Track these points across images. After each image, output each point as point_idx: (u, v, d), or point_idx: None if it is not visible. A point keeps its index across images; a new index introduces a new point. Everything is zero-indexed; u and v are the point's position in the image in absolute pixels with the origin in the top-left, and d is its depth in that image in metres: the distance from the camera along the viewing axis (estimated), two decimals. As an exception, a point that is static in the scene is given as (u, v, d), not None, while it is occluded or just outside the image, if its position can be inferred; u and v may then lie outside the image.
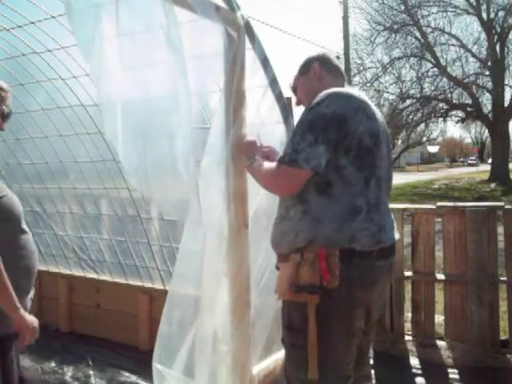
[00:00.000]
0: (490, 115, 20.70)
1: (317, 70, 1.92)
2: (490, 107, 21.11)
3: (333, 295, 1.60)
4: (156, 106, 2.03)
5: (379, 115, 1.81)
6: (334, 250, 1.60)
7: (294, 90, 2.03)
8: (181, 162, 2.02)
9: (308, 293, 1.60)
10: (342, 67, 2.04)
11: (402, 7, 19.63)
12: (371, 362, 3.20)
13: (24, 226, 1.85)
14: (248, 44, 2.44)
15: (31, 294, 1.87)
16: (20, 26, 3.00)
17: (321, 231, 1.63)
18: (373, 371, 1.91)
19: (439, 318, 3.59)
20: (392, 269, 1.84)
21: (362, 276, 1.64)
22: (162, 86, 1.98)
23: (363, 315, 1.71)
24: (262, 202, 2.46)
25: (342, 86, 1.93)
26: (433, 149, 70.01)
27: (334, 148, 1.61)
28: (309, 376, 1.62)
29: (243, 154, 2.11)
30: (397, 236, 1.82)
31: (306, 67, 1.97)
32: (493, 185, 19.28)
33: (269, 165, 1.81)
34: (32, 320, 1.73)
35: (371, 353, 3.35)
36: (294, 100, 2.18)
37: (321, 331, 1.61)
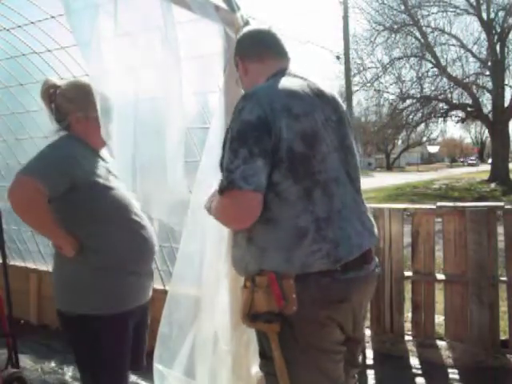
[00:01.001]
0: (490, 115, 20.70)
1: (240, 67, 1.68)
2: (489, 107, 21.11)
3: (293, 321, 1.42)
4: (150, 107, 2.03)
5: (322, 98, 1.54)
6: (288, 272, 1.41)
7: None
8: (175, 162, 2.01)
9: (264, 322, 1.43)
10: (278, 41, 1.67)
11: (402, 7, 19.63)
12: (371, 362, 3.22)
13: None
14: (248, 44, 2.44)
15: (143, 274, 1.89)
16: (20, 26, 3.00)
17: (268, 262, 1.43)
18: (373, 371, 1.91)
19: (439, 318, 3.59)
20: (373, 277, 1.60)
21: (324, 294, 1.43)
22: (157, 86, 1.97)
23: (337, 332, 1.51)
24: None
25: (278, 68, 1.60)
26: (433, 149, 70.02)
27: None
28: None
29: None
30: (372, 240, 1.57)
31: (235, 63, 1.72)
32: (493, 185, 19.27)
33: (214, 196, 1.54)
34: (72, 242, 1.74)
35: (370, 355, 3.35)
36: None
37: (290, 357, 1.45)
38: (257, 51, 1.64)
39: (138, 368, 2.05)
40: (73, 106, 1.85)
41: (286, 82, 1.50)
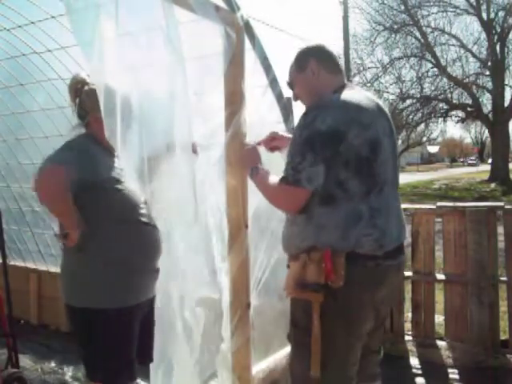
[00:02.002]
0: (490, 115, 20.72)
1: (314, 69, 1.82)
2: (490, 107, 21.14)
3: (337, 295, 1.61)
4: (155, 107, 2.03)
5: (379, 109, 1.75)
6: (341, 250, 1.62)
7: (291, 85, 1.95)
8: (182, 161, 2.02)
9: (312, 291, 1.62)
10: (341, 62, 1.95)
11: (402, 7, 19.65)
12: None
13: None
14: (248, 44, 2.44)
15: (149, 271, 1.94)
16: (20, 26, 3.00)
17: (325, 238, 1.63)
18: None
19: (439, 318, 3.59)
20: (401, 267, 1.87)
21: (368, 276, 1.65)
22: (161, 86, 1.98)
23: (372, 316, 1.72)
24: (261, 201, 2.46)
25: (342, 83, 1.83)
26: (433, 149, 70.00)
27: (334, 163, 1.61)
28: (311, 373, 1.64)
29: (245, 164, 2.04)
30: (404, 235, 1.86)
31: (303, 64, 1.86)
32: (493, 185, 19.28)
33: (272, 179, 1.80)
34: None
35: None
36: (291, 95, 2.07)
37: (324, 330, 1.62)
38: (332, 63, 1.86)
39: (147, 362, 2.08)
40: (95, 105, 1.86)
41: (354, 95, 1.71)
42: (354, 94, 1.74)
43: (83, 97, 1.91)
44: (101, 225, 1.82)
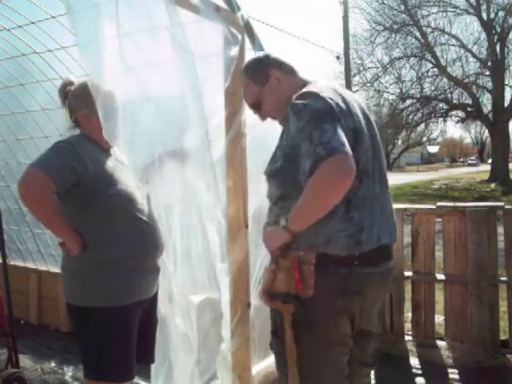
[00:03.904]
0: (490, 115, 20.71)
1: (278, 75, 1.74)
2: (490, 107, 21.13)
3: (308, 305, 1.51)
4: (166, 106, 2.03)
5: (356, 101, 1.66)
6: (310, 257, 1.51)
7: (257, 105, 1.80)
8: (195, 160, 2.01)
9: (282, 302, 1.55)
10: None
11: (402, 7, 19.63)
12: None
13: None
14: (248, 44, 2.44)
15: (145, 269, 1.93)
16: (20, 26, 3.01)
17: (300, 234, 1.51)
18: (373, 371, 1.91)
19: (439, 318, 3.59)
20: (387, 276, 1.67)
21: (341, 285, 1.51)
22: (171, 85, 1.97)
23: (347, 325, 1.59)
24: (261, 201, 2.46)
25: (306, 81, 1.74)
26: (433, 149, 70.02)
27: None
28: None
29: (275, 241, 1.61)
30: (393, 237, 1.67)
31: (263, 76, 1.75)
32: (493, 185, 19.28)
33: (302, 197, 1.46)
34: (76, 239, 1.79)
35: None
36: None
37: (298, 340, 1.55)
38: (287, 65, 1.78)
39: (148, 362, 2.09)
40: (78, 102, 1.90)
41: (329, 85, 1.62)
42: (328, 84, 1.66)
43: (69, 97, 1.94)
44: (98, 223, 1.82)
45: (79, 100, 1.90)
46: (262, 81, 1.76)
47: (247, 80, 1.82)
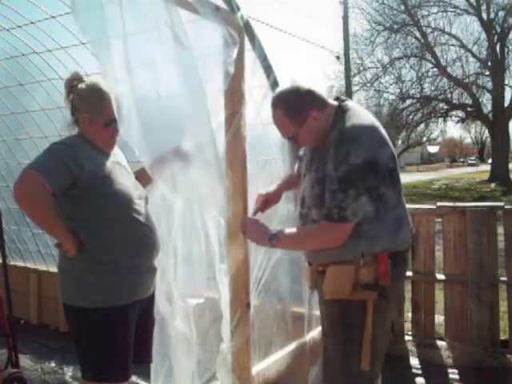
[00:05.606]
0: (490, 115, 20.71)
1: (316, 116, 1.79)
2: (490, 107, 21.12)
3: (387, 293, 1.79)
4: (171, 104, 2.02)
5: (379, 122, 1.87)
6: (385, 254, 1.78)
7: (293, 138, 1.89)
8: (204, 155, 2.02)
9: (369, 290, 1.76)
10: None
11: (402, 7, 19.64)
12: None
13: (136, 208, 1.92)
14: (248, 44, 2.44)
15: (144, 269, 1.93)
16: (20, 26, 3.00)
17: (379, 247, 1.77)
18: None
19: (439, 318, 3.60)
20: None
21: (404, 271, 1.92)
22: (175, 83, 1.96)
23: None
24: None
25: (332, 107, 1.83)
26: (433, 149, 69.94)
27: (374, 188, 1.71)
28: (361, 368, 1.77)
29: (259, 239, 1.93)
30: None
31: (302, 117, 1.79)
32: (493, 185, 19.28)
33: (301, 229, 1.90)
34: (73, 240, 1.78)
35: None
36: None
37: (376, 323, 1.77)
38: (322, 99, 1.83)
39: (145, 361, 2.09)
40: (82, 104, 1.89)
41: (364, 117, 1.78)
42: (361, 115, 1.79)
43: (75, 95, 1.91)
44: (94, 224, 1.81)
45: (83, 102, 1.88)
46: (299, 122, 1.81)
47: (283, 116, 1.82)
